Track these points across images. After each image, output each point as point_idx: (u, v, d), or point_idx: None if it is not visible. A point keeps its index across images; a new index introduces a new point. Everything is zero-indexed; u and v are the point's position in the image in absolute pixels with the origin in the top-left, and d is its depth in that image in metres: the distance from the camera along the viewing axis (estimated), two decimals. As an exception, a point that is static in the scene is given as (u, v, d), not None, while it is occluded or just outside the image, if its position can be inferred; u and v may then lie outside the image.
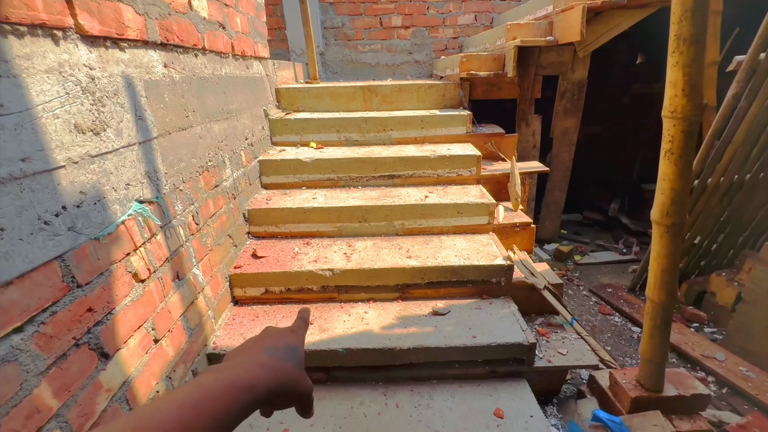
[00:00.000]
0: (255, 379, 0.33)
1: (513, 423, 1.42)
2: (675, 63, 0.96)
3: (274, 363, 0.37)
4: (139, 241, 1.14)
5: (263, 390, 0.33)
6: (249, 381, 0.33)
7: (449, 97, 2.81)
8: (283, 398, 0.37)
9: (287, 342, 0.42)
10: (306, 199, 2.16)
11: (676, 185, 1.07)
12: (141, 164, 1.18)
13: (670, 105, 1.01)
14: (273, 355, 0.38)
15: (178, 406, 0.28)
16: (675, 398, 1.51)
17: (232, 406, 0.30)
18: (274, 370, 0.36)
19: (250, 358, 0.37)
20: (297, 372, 0.39)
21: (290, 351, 0.40)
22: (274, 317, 1.75)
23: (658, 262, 1.23)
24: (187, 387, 0.31)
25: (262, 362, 0.36)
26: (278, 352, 0.39)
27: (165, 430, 0.26)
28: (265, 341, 0.41)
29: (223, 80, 1.84)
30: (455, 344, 1.57)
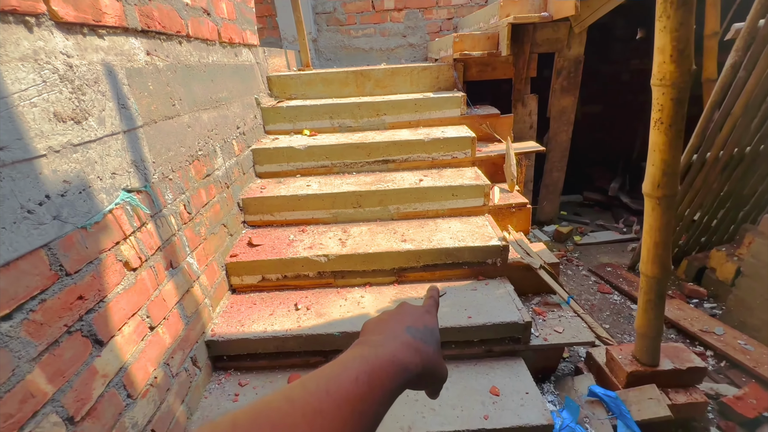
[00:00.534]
0: (408, 361, 0.34)
1: (508, 400, 1.44)
2: (662, 28, 0.93)
3: (419, 345, 0.36)
4: (128, 230, 1.14)
5: (414, 372, 0.34)
6: (404, 361, 0.33)
7: (443, 79, 2.77)
8: (426, 380, 0.37)
9: (426, 323, 0.41)
10: (300, 187, 2.15)
11: (667, 156, 1.05)
12: (127, 153, 1.17)
13: (658, 72, 0.99)
14: (416, 336, 0.38)
15: (355, 378, 0.29)
16: (671, 372, 1.51)
17: (393, 383, 0.31)
18: (420, 352, 0.36)
19: (396, 337, 0.36)
20: (438, 356, 0.38)
21: (430, 333, 0.40)
22: (272, 304, 1.77)
23: (650, 236, 1.22)
24: (354, 359, 0.31)
25: (410, 343, 0.36)
26: (420, 333, 0.38)
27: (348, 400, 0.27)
28: (405, 320, 0.40)
29: (211, 68, 1.82)
30: (451, 325, 1.58)
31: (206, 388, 1.55)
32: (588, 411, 1.51)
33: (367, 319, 1.41)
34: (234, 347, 1.59)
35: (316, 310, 1.71)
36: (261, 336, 1.57)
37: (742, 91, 2.02)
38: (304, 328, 1.60)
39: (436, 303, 0.48)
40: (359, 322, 1.62)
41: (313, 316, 1.68)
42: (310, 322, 1.63)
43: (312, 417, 0.25)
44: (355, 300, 1.77)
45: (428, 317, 0.42)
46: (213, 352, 1.60)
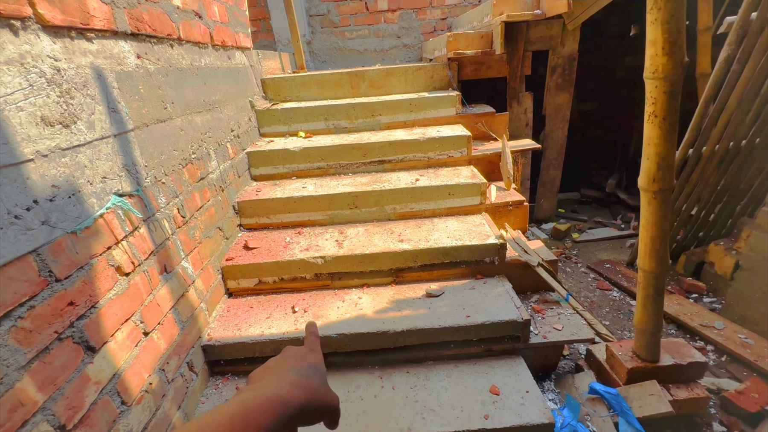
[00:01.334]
0: (290, 396, 0.35)
1: (509, 399, 1.43)
2: (654, 20, 0.93)
3: (303, 381, 0.38)
4: (120, 235, 1.13)
5: (297, 407, 0.35)
6: (285, 397, 0.35)
7: (437, 78, 2.77)
8: (314, 414, 0.38)
9: (309, 361, 0.43)
10: (296, 189, 2.14)
11: (661, 149, 1.05)
12: (118, 157, 1.16)
13: (651, 65, 0.98)
14: (299, 374, 0.39)
15: (229, 421, 0.30)
16: (672, 367, 1.50)
17: (273, 421, 0.32)
18: (304, 388, 0.37)
19: (279, 378, 0.38)
20: (323, 388, 0.40)
21: (314, 369, 0.42)
22: (269, 307, 1.76)
23: (647, 230, 1.21)
24: (231, 404, 0.33)
25: (292, 381, 0.38)
26: (303, 371, 0.40)
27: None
28: (289, 362, 0.42)
29: (203, 71, 1.82)
30: (449, 324, 1.57)
31: (203, 393, 1.53)
32: (589, 408, 1.49)
33: (364, 319, 1.42)
34: (231, 351, 1.57)
35: (314, 313, 1.70)
36: (258, 339, 1.56)
37: (736, 84, 2.02)
38: (302, 331, 1.59)
39: (317, 338, 0.50)
40: (357, 323, 1.61)
41: (310, 318, 1.66)
42: (307, 325, 1.62)
43: None
44: (352, 301, 1.75)
45: (312, 355, 0.44)
46: (210, 357, 1.58)
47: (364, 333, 1.56)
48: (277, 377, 0.38)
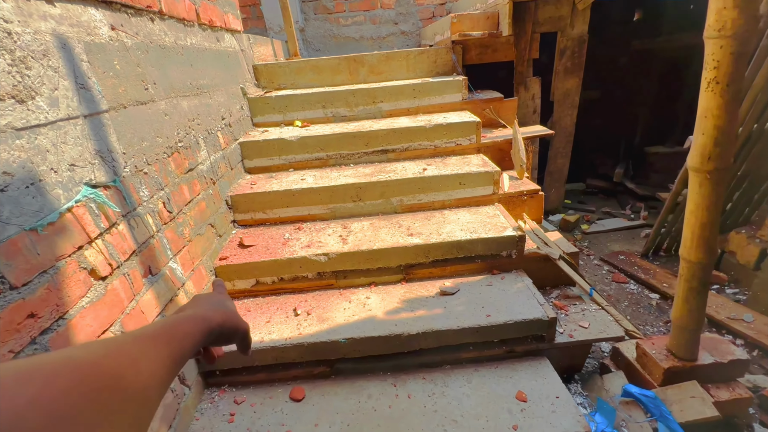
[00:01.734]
0: (210, 315, 0.41)
1: (538, 406, 1.29)
2: (723, -34, 0.79)
3: (218, 307, 0.44)
4: (93, 232, 0.96)
5: (215, 323, 0.41)
6: (205, 315, 0.41)
7: (441, 63, 2.61)
8: (229, 333, 0.44)
9: (218, 298, 0.48)
10: (294, 181, 1.98)
11: (722, 121, 0.91)
12: (89, 141, 0.99)
13: (716, 22, 0.84)
14: (214, 303, 0.45)
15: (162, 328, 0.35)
16: (711, 366, 1.38)
17: (197, 332, 0.38)
18: (219, 312, 0.43)
19: (198, 305, 0.44)
20: (234, 313, 0.46)
21: (225, 301, 0.48)
22: (268, 310, 1.60)
23: (696, 216, 1.08)
24: (160, 321, 0.36)
25: (210, 306, 0.44)
26: (217, 303, 0.46)
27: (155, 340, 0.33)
28: (203, 298, 0.47)
29: (189, 51, 1.64)
30: (468, 325, 1.43)
31: (197, 408, 1.37)
32: (623, 413, 1.37)
33: (374, 322, 1.32)
34: (226, 361, 1.42)
35: (318, 315, 1.54)
36: (257, 347, 1.40)
37: (764, 62, 1.89)
38: (306, 336, 1.44)
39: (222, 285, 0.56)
40: (366, 326, 1.46)
41: (314, 321, 1.51)
42: (311, 329, 1.47)
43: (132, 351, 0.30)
44: (360, 302, 1.60)
45: (219, 296, 0.49)
46: (203, 368, 1.42)
47: (375, 337, 1.41)
48: (196, 304, 0.44)
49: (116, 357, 0.28)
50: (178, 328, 0.36)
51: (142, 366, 0.29)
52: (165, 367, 0.31)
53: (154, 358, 0.30)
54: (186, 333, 0.36)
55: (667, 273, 2.33)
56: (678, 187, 2.37)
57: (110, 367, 0.26)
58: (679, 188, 2.38)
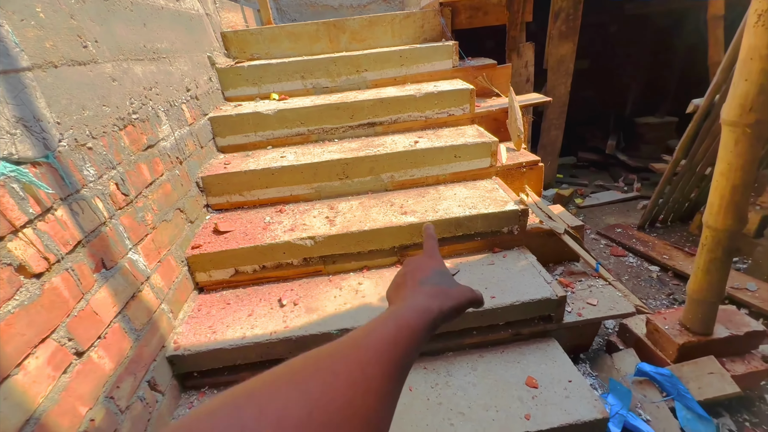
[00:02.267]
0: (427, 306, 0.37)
1: (550, 392, 1.19)
2: None
3: (435, 290, 0.40)
4: (18, 219, 0.77)
5: (435, 313, 0.37)
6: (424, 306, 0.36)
7: (429, 27, 2.41)
8: (452, 313, 0.40)
9: (433, 267, 0.44)
10: (273, 159, 1.78)
11: (770, 64, 0.78)
12: (5, 106, 0.79)
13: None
14: (430, 283, 0.41)
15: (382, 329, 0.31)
16: (727, 339, 1.31)
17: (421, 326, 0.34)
18: (437, 296, 0.39)
19: (414, 294, 0.40)
20: (454, 290, 0.41)
21: (439, 275, 0.43)
22: (250, 302, 1.44)
23: (727, 178, 0.96)
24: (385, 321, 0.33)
25: (425, 292, 0.40)
26: (432, 280, 0.42)
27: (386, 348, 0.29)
28: (416, 275, 0.43)
29: (141, 8, 1.40)
30: (471, 309, 1.30)
31: (173, 415, 1.22)
32: (638, 393, 1.29)
33: (369, 309, 1.19)
34: (206, 360, 1.26)
35: (306, 305, 1.39)
36: (239, 344, 1.25)
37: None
38: (294, 329, 1.29)
39: (435, 240, 0.50)
40: (360, 314, 1.32)
41: (302, 312, 1.36)
42: (299, 321, 1.32)
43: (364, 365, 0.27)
44: (351, 288, 1.46)
45: (432, 261, 0.46)
46: (179, 369, 1.26)
47: (371, 326, 1.27)
48: (412, 293, 0.40)
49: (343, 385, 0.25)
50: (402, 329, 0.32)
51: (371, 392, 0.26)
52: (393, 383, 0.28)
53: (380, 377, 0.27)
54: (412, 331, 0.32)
55: (666, 245, 2.27)
56: (678, 155, 2.29)
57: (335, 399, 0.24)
58: (679, 157, 2.29)
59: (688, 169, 2.34)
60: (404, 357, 0.30)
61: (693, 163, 2.32)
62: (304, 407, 0.22)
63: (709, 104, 2.04)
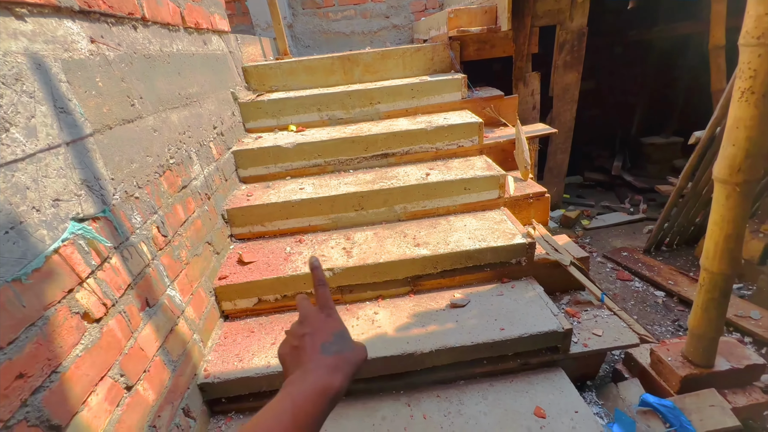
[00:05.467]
0: (331, 382, 0.38)
1: (557, 422, 1.26)
2: (764, -31, 0.73)
3: (337, 361, 0.40)
4: (84, 272, 0.88)
5: (338, 389, 0.38)
6: (327, 385, 0.38)
7: (438, 60, 2.53)
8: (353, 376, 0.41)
9: (333, 330, 0.44)
10: (293, 191, 1.89)
11: (754, 133, 0.86)
12: (73, 171, 0.90)
13: (755, 28, 0.78)
14: (331, 351, 0.41)
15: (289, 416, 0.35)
16: (728, 372, 1.37)
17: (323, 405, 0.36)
18: (339, 368, 0.39)
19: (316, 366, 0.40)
20: (353, 355, 0.42)
21: (340, 338, 0.43)
22: (272, 330, 1.53)
23: (721, 228, 1.04)
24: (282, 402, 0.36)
25: (328, 365, 0.40)
26: (333, 346, 0.42)
27: None
28: (316, 339, 0.42)
29: (176, 58, 1.53)
30: (482, 340, 1.38)
31: (204, 439, 1.31)
32: (642, 424, 1.35)
33: (385, 340, 1.27)
34: (233, 387, 1.35)
35: (325, 334, 1.48)
36: (265, 372, 1.34)
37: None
38: (314, 358, 1.37)
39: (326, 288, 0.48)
40: (377, 344, 1.40)
41: (322, 341, 1.45)
42: (320, 350, 1.40)
43: None
44: (368, 318, 1.55)
45: (331, 322, 0.45)
46: (208, 396, 1.36)
47: (388, 356, 1.36)
48: (312, 364, 0.40)
49: None
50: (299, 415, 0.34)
51: None
52: None
53: None
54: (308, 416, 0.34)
55: (672, 269, 2.32)
56: (681, 183, 2.35)
57: None
58: (683, 184, 2.36)
59: (692, 195, 2.40)
60: None
61: (697, 189, 2.38)
62: None
63: (710, 135, 2.12)
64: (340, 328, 0.45)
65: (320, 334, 0.43)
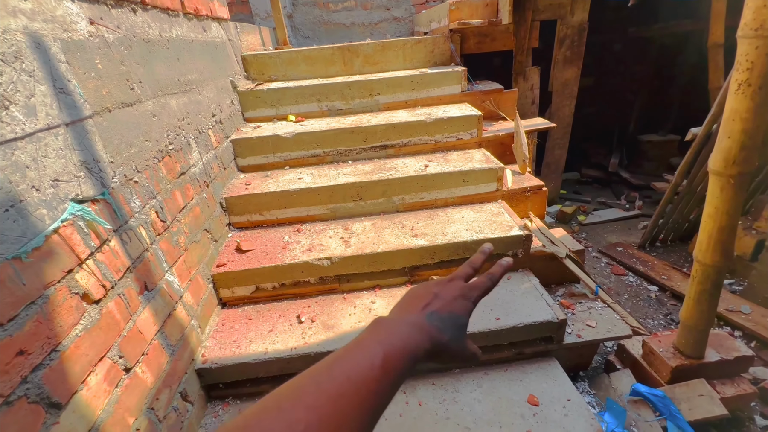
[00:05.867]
0: (417, 345, 0.37)
1: (550, 410, 1.28)
2: (764, -39, 0.74)
3: (433, 332, 0.39)
4: (83, 253, 0.88)
5: (420, 354, 0.37)
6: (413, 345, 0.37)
7: (438, 52, 2.52)
8: (442, 359, 0.40)
9: (452, 309, 0.42)
10: (291, 180, 1.89)
11: (750, 125, 0.88)
12: (73, 152, 0.90)
13: (753, 20, 0.79)
14: (433, 322, 0.40)
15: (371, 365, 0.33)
16: (718, 363, 1.39)
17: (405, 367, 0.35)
18: (431, 337, 0.38)
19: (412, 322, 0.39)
20: (453, 345, 0.40)
21: (451, 321, 0.41)
22: (270, 318, 1.54)
23: (714, 220, 1.05)
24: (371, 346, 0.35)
25: (423, 328, 0.39)
26: (439, 320, 0.40)
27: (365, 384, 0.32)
28: (432, 304, 0.42)
29: (176, 44, 1.52)
30: (478, 329, 1.40)
31: (201, 423, 1.32)
32: (633, 412, 1.37)
33: None
34: (230, 373, 1.36)
35: (323, 322, 1.50)
36: (262, 358, 1.35)
37: None
38: (312, 345, 1.39)
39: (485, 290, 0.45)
40: (374, 333, 1.42)
41: (320, 329, 1.46)
42: (317, 337, 1.42)
43: (336, 399, 0.30)
44: (365, 307, 1.56)
45: (458, 303, 0.43)
46: (206, 381, 1.37)
47: (384, 344, 1.37)
48: (411, 320, 0.39)
49: None
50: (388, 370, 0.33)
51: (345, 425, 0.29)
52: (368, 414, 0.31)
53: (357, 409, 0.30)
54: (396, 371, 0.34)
55: (665, 265, 2.35)
56: (677, 180, 2.38)
57: None
58: (678, 181, 2.38)
59: (687, 191, 2.43)
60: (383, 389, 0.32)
61: (693, 186, 2.40)
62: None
63: (707, 132, 2.13)
64: (461, 313, 0.42)
65: (438, 303, 0.42)
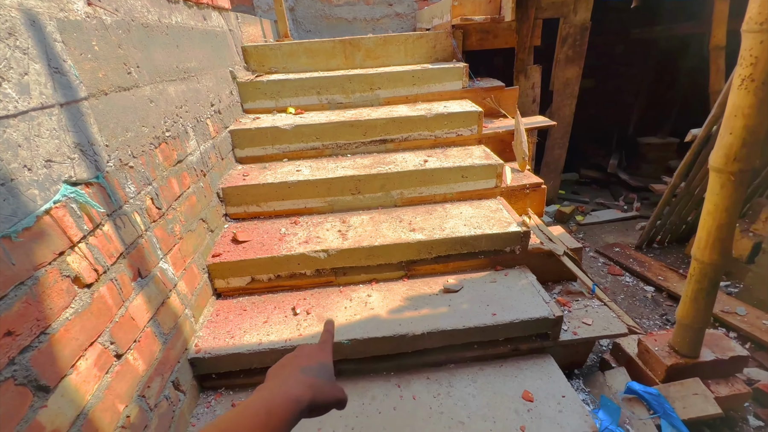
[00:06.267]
0: (300, 395, 0.41)
1: (544, 406, 1.28)
2: (771, -46, 0.73)
3: (311, 381, 0.44)
4: (75, 236, 0.87)
5: (305, 403, 0.41)
6: (296, 395, 0.41)
7: (440, 48, 2.51)
8: (321, 408, 0.43)
9: (319, 360, 0.48)
10: (289, 172, 1.88)
11: (753, 122, 0.87)
12: (67, 134, 0.89)
13: (759, 14, 0.78)
14: (309, 374, 0.45)
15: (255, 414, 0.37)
16: (713, 362, 1.39)
17: (289, 414, 0.38)
18: (312, 387, 0.43)
19: (291, 378, 0.43)
20: (329, 386, 0.45)
21: (322, 368, 0.47)
22: (265, 309, 1.53)
23: (714, 217, 1.05)
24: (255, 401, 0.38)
25: (302, 381, 0.43)
26: (313, 371, 0.45)
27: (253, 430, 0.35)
28: (302, 361, 0.47)
29: (175, 31, 1.50)
30: (474, 324, 1.39)
31: (193, 413, 1.31)
32: (627, 410, 1.37)
33: (377, 321, 1.35)
34: (224, 363, 1.35)
35: (318, 314, 1.49)
36: (256, 349, 1.34)
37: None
38: (306, 337, 1.38)
39: (331, 335, 0.54)
40: (369, 326, 1.41)
41: (315, 321, 1.45)
42: (312, 329, 1.41)
43: None
44: (361, 300, 1.55)
45: (322, 354, 0.49)
46: (199, 371, 1.35)
47: (380, 337, 1.37)
48: (289, 377, 0.43)
49: None
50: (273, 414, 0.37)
51: None
52: None
53: None
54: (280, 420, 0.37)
55: (662, 266, 2.36)
56: (675, 181, 2.38)
57: None
58: (677, 182, 2.38)
59: (685, 193, 2.43)
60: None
61: (691, 188, 2.40)
62: None
63: (707, 134, 2.13)
64: (327, 361, 0.48)
65: (306, 360, 0.47)
